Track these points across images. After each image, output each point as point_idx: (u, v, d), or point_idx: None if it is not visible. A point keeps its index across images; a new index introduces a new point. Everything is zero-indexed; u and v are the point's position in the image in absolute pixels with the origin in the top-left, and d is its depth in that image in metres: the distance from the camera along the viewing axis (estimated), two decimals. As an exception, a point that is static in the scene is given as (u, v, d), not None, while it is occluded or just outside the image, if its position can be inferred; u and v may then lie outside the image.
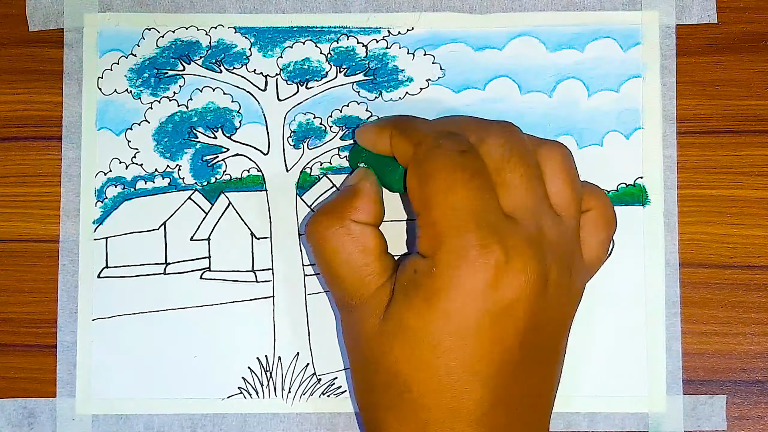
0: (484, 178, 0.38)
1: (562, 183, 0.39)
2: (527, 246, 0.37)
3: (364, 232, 0.40)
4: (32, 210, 0.46)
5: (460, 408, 0.37)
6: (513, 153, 0.39)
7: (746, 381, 0.45)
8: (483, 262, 0.36)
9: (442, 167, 0.38)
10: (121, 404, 0.45)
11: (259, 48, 0.46)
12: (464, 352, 0.37)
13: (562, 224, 0.39)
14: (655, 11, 0.46)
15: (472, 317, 0.36)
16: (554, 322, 0.39)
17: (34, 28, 0.47)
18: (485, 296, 0.36)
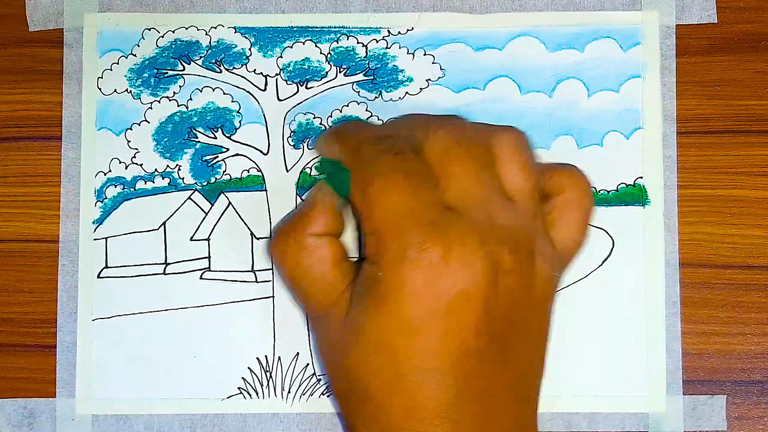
0: (421, 176, 0.38)
1: (513, 167, 0.39)
2: (469, 236, 0.37)
3: (318, 244, 0.40)
4: (32, 210, 0.46)
5: (418, 407, 0.37)
6: (455, 145, 0.39)
7: (746, 381, 0.45)
8: (423, 259, 0.36)
9: (377, 172, 0.38)
10: (121, 404, 0.45)
11: (259, 48, 0.46)
12: (415, 351, 0.37)
13: (516, 209, 0.39)
14: (655, 11, 0.46)
15: (419, 316, 0.37)
16: (520, 308, 0.38)
17: (34, 28, 0.47)
18: (429, 294, 0.36)
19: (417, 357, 0.37)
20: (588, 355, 0.45)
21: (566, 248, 0.41)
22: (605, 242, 0.45)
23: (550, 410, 0.45)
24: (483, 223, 0.37)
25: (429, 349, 0.37)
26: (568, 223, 0.41)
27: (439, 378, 0.37)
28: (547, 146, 0.46)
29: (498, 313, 0.37)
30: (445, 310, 0.37)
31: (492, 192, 0.38)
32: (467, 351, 0.37)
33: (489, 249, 0.37)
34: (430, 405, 0.37)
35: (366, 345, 0.38)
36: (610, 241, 0.45)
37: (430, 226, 0.37)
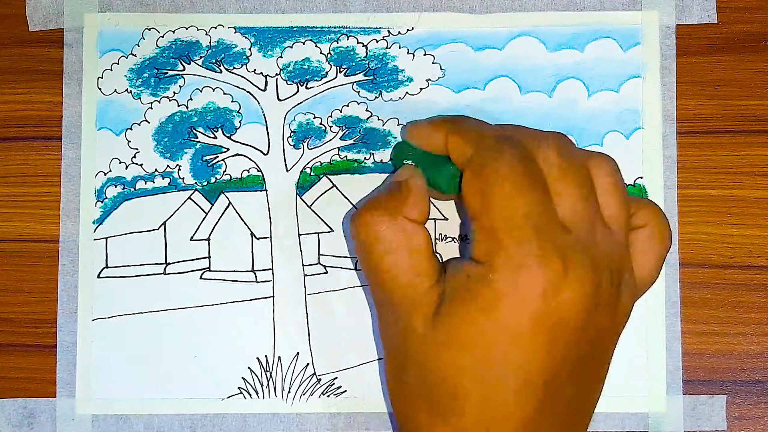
0: (544, 187, 0.38)
1: (611, 196, 0.39)
2: (584, 257, 0.37)
3: (416, 231, 0.39)
4: (32, 210, 0.46)
5: (504, 417, 0.37)
6: (569, 163, 0.38)
7: (746, 381, 0.45)
8: (542, 272, 0.36)
9: (505, 173, 0.37)
10: (121, 404, 0.45)
11: (259, 48, 0.46)
12: (517, 362, 0.36)
13: (613, 237, 0.39)
14: (655, 11, 0.46)
15: (527, 327, 0.36)
16: (602, 335, 0.38)
17: (34, 28, 0.47)
18: (542, 306, 0.36)
19: (516, 367, 0.36)
20: (588, 355, 0.45)
21: (643, 281, 0.41)
22: (605, 242, 0.45)
23: (550, 410, 0.45)
24: (591, 246, 0.38)
25: (530, 363, 0.36)
26: (648, 257, 0.40)
27: (531, 391, 0.37)
28: (547, 146, 0.46)
29: (590, 336, 0.38)
30: (552, 326, 0.36)
31: (596, 217, 0.38)
32: (559, 371, 0.37)
33: (596, 273, 0.37)
34: (517, 415, 0.37)
35: (462, 348, 0.37)
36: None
37: (551, 239, 0.36)
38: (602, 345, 0.39)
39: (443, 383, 0.37)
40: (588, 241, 0.37)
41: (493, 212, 0.37)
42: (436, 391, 0.37)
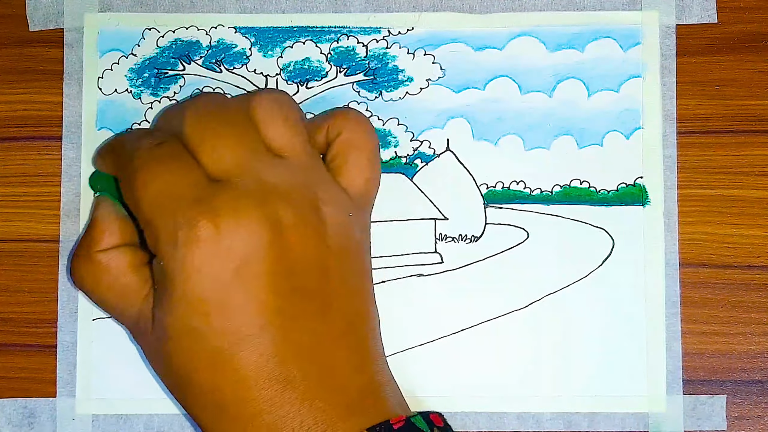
0: (180, 158, 0.38)
1: (276, 126, 0.39)
2: (241, 200, 0.37)
3: (110, 257, 0.40)
4: (32, 210, 0.46)
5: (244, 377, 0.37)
6: (210, 118, 0.39)
7: (746, 381, 0.45)
8: (195, 235, 0.36)
9: (139, 165, 0.38)
10: (121, 404, 0.45)
11: (259, 48, 0.46)
12: (218, 326, 0.37)
13: (289, 165, 0.39)
14: (655, 11, 0.46)
15: (209, 291, 0.37)
16: (318, 259, 0.38)
17: (34, 28, 0.47)
18: (211, 267, 0.36)
19: (222, 331, 0.37)
20: (588, 355, 0.45)
21: (359, 188, 0.41)
22: (605, 242, 0.45)
23: (550, 410, 0.45)
24: (253, 187, 0.38)
25: (231, 319, 0.37)
26: (353, 163, 0.41)
27: (253, 344, 0.37)
28: (547, 146, 0.46)
29: (295, 268, 0.37)
30: (231, 280, 0.37)
31: (257, 154, 0.39)
32: (274, 311, 0.37)
33: (264, 210, 0.37)
34: (253, 371, 0.37)
35: (174, 335, 0.37)
36: (610, 241, 0.45)
37: (195, 202, 0.37)
38: (323, 267, 0.38)
39: (181, 374, 0.38)
40: (250, 183, 0.38)
41: (141, 205, 0.38)
42: (182, 385, 0.38)
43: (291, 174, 0.39)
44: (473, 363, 0.45)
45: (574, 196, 0.46)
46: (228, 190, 0.37)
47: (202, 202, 0.37)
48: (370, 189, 0.42)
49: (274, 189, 0.38)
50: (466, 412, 0.45)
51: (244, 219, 0.37)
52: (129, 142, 0.40)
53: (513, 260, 0.45)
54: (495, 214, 0.46)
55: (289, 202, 0.38)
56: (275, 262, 0.37)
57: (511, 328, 0.45)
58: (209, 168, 0.38)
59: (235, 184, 0.38)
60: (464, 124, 0.46)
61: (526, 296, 0.45)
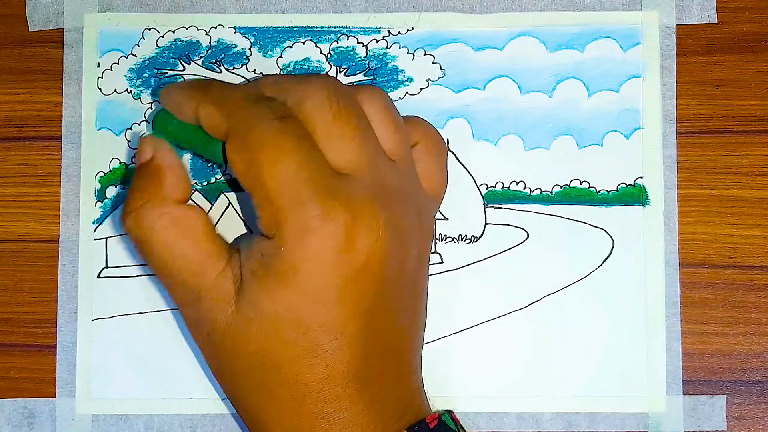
0: (310, 140, 0.36)
1: (388, 127, 0.38)
2: (371, 201, 0.36)
3: (187, 214, 0.37)
4: (32, 210, 0.46)
5: (333, 374, 0.37)
6: (340, 106, 0.37)
7: (746, 381, 0.45)
8: (330, 229, 0.35)
9: (265, 138, 0.36)
10: (121, 404, 0.45)
11: (259, 48, 0.46)
12: (327, 322, 0.36)
13: (399, 168, 0.38)
14: (655, 11, 0.46)
15: (329, 287, 0.36)
16: (411, 265, 0.38)
17: (34, 28, 0.47)
18: (339, 263, 0.36)
19: (329, 326, 0.36)
20: (588, 355, 0.45)
21: (435, 193, 0.41)
22: (605, 242, 0.45)
23: (550, 410, 0.45)
24: (377, 187, 0.37)
25: (340, 318, 0.36)
26: (431, 170, 0.41)
27: (350, 342, 0.37)
28: (547, 146, 0.46)
29: (397, 272, 0.37)
30: (353, 278, 0.36)
31: (378, 154, 0.38)
32: (373, 314, 0.37)
33: (388, 212, 0.37)
34: (344, 368, 0.37)
35: (272, 323, 0.36)
36: (610, 241, 0.45)
37: (330, 193, 0.35)
38: (412, 273, 0.39)
39: (263, 361, 0.37)
40: (375, 182, 0.37)
41: (265, 182, 0.35)
42: (258, 370, 0.37)
43: (401, 178, 0.38)
44: (473, 363, 0.45)
45: (574, 196, 0.46)
46: (360, 186, 0.36)
47: (338, 194, 0.36)
48: (443, 192, 0.42)
49: (393, 193, 0.37)
50: (466, 412, 0.45)
51: (374, 220, 0.36)
52: (244, 104, 0.37)
53: (513, 260, 0.45)
54: (495, 214, 0.46)
55: (404, 207, 0.38)
56: (389, 266, 0.37)
57: (511, 328, 0.45)
58: (336, 157, 0.36)
59: (362, 181, 0.36)
60: (464, 124, 0.46)
61: (526, 296, 0.45)
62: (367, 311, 0.37)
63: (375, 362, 0.37)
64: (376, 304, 0.37)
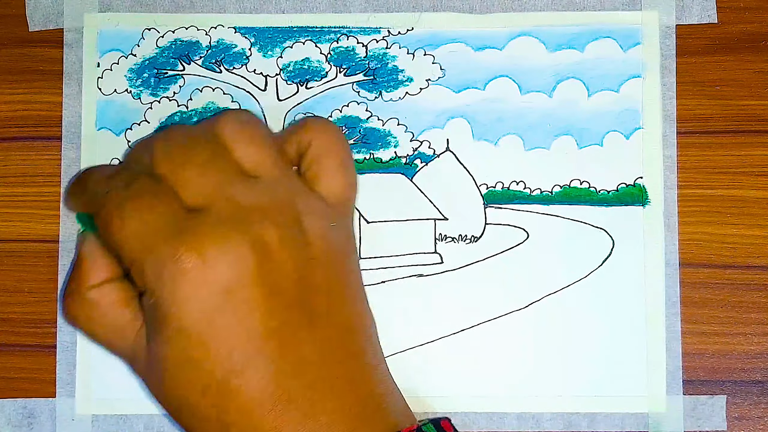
0: (155, 193, 0.38)
1: (243, 145, 0.39)
2: (220, 229, 0.37)
3: (102, 293, 0.40)
4: (32, 210, 0.46)
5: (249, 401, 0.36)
6: (177, 148, 0.39)
7: (746, 381, 0.45)
8: (180, 269, 0.36)
9: (112, 208, 0.38)
10: (121, 404, 0.45)
11: (259, 48, 0.46)
12: (217, 355, 0.36)
13: (263, 183, 0.38)
14: (655, 11, 0.46)
15: (203, 323, 0.36)
16: (305, 272, 0.38)
17: (34, 28, 0.47)
18: (201, 298, 0.36)
19: (219, 358, 0.36)
20: (588, 355, 0.45)
21: (337, 195, 0.40)
22: (605, 242, 0.45)
23: (550, 410, 0.45)
24: (230, 211, 0.37)
25: (227, 346, 0.36)
26: (327, 170, 0.40)
27: (251, 367, 0.36)
28: (547, 146, 0.46)
29: (284, 285, 0.37)
30: (225, 307, 0.36)
31: (230, 177, 0.38)
32: (268, 332, 0.37)
33: (245, 232, 0.37)
34: (255, 395, 0.36)
35: (171, 367, 0.37)
36: (610, 241, 0.45)
37: (175, 235, 0.37)
38: (310, 279, 0.38)
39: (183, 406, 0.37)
40: (226, 209, 0.37)
41: (123, 245, 0.37)
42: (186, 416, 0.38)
43: (267, 192, 0.38)
44: (473, 363, 0.45)
45: (574, 196, 0.46)
46: (206, 217, 0.37)
47: (182, 234, 0.37)
48: (349, 194, 0.41)
49: (252, 210, 0.37)
50: (466, 412, 0.45)
51: (226, 245, 0.36)
52: (99, 183, 0.40)
53: (513, 260, 0.45)
54: (495, 214, 0.46)
55: (269, 221, 0.37)
56: (263, 283, 0.37)
57: (511, 328, 0.45)
58: (185, 198, 0.38)
59: (213, 210, 0.37)
60: (464, 124, 0.46)
61: (526, 296, 0.45)
62: (257, 333, 0.36)
63: (294, 379, 0.36)
64: (272, 323, 0.37)
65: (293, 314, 0.37)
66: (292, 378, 0.36)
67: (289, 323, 0.37)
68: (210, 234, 0.37)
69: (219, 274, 0.36)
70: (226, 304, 0.36)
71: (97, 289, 0.40)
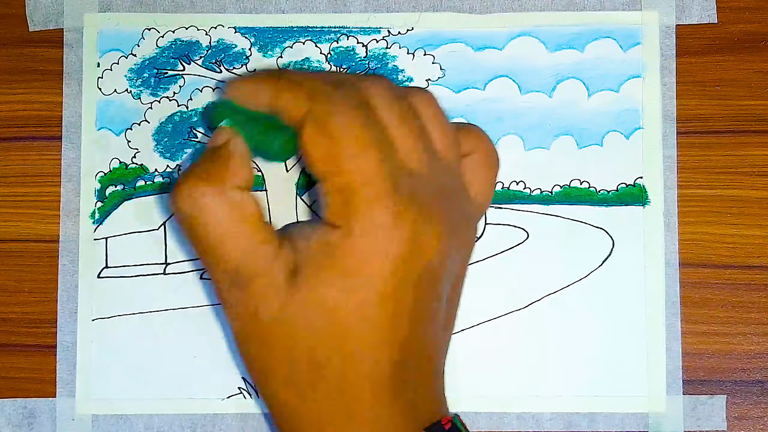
0: (386, 135, 0.36)
1: (439, 128, 0.38)
2: (436, 204, 0.36)
3: (244, 199, 0.36)
4: (32, 210, 0.46)
5: (375, 376, 0.36)
6: (400, 104, 0.37)
7: (746, 381, 0.45)
8: (402, 228, 0.35)
9: (348, 126, 0.35)
10: (121, 404, 0.45)
11: (259, 48, 0.46)
12: (385, 320, 0.35)
13: (450, 170, 0.38)
14: (655, 11, 0.46)
15: (393, 286, 0.35)
16: (457, 271, 0.38)
17: (34, 28, 0.47)
18: (406, 263, 0.35)
19: (387, 327, 0.36)
20: (588, 355, 0.45)
21: (481, 206, 0.41)
22: (605, 242, 0.45)
23: (550, 410, 0.45)
24: (439, 188, 0.37)
25: (398, 319, 0.36)
26: (481, 183, 0.40)
27: (400, 344, 0.36)
28: (547, 146, 0.46)
29: (448, 276, 0.37)
30: (415, 281, 0.36)
31: (432, 153, 0.37)
32: (422, 317, 0.37)
33: (448, 215, 0.36)
34: (388, 370, 0.36)
35: (330, 315, 0.35)
36: (610, 241, 0.45)
37: (403, 191, 0.35)
38: (456, 279, 0.39)
39: (312, 354, 0.36)
40: (432, 182, 0.36)
41: (343, 171, 0.35)
42: (299, 364, 0.36)
43: (453, 180, 0.38)
44: (473, 363, 0.45)
45: (574, 196, 0.46)
46: (426, 186, 0.36)
47: (410, 194, 0.35)
48: (484, 211, 0.41)
49: (450, 195, 0.37)
50: (466, 412, 0.45)
51: (440, 224, 0.36)
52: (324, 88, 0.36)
53: (513, 260, 0.45)
54: (495, 214, 0.46)
55: (459, 212, 0.37)
56: (445, 270, 0.37)
57: (511, 328, 0.45)
58: (400, 154, 0.36)
59: (427, 181, 0.36)
60: (464, 124, 0.46)
61: (526, 296, 0.45)
62: (419, 314, 0.36)
63: (413, 365, 0.37)
64: (429, 307, 0.37)
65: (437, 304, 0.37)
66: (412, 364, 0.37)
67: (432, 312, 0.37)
68: (431, 204, 0.36)
69: (425, 248, 0.35)
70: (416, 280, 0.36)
71: (242, 193, 0.36)
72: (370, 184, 0.35)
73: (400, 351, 0.36)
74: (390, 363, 0.36)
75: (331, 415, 0.36)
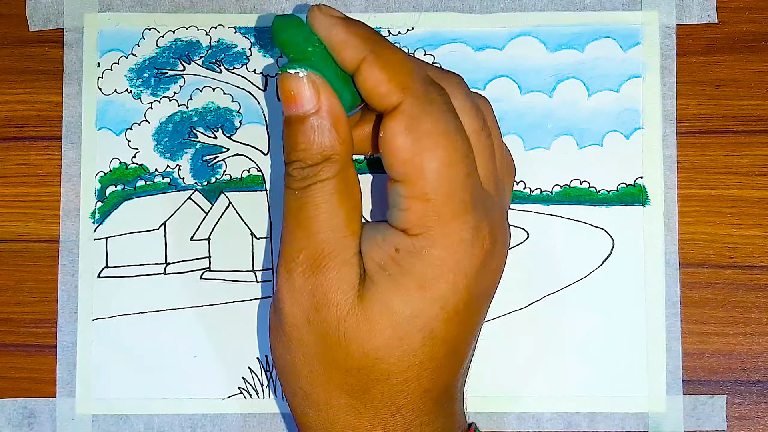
0: (470, 145, 0.34)
1: (499, 143, 0.37)
2: (502, 223, 0.36)
3: (353, 183, 0.34)
4: (32, 210, 0.46)
5: (434, 387, 0.36)
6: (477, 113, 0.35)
7: (746, 381, 0.45)
8: (478, 246, 0.34)
9: (442, 131, 0.33)
10: (121, 404, 0.45)
11: (259, 48, 0.46)
12: (452, 339, 0.35)
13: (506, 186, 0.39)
14: (655, 11, 0.46)
15: (464, 302, 0.34)
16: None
17: (34, 28, 0.47)
18: (476, 280, 0.34)
19: (451, 343, 0.35)
20: (588, 355, 0.45)
21: None
22: (605, 242, 0.45)
23: (550, 410, 0.45)
24: (503, 207, 0.37)
25: (462, 336, 0.35)
26: (508, 190, 0.41)
27: (461, 359, 0.36)
28: (547, 146, 0.46)
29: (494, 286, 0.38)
30: (482, 297, 0.35)
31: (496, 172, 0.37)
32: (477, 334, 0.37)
33: (507, 235, 0.37)
34: (445, 383, 0.36)
35: (400, 326, 0.34)
36: (610, 241, 0.45)
37: (480, 207, 0.34)
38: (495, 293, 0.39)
39: (374, 365, 0.34)
40: (501, 202, 0.36)
41: (429, 177, 0.33)
42: (366, 376, 0.34)
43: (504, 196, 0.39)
44: (473, 363, 0.45)
45: (574, 196, 0.46)
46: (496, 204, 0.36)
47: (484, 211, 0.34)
48: None
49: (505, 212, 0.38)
50: (467, 412, 0.45)
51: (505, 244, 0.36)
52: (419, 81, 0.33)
53: (513, 260, 0.45)
54: (495, 214, 0.46)
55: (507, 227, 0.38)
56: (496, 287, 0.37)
57: (511, 328, 0.45)
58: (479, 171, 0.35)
59: (498, 200, 0.36)
60: (464, 124, 0.46)
61: (526, 296, 0.45)
62: (476, 332, 0.37)
63: (463, 380, 0.37)
64: (481, 324, 0.37)
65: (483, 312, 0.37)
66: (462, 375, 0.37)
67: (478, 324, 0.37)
68: (499, 224, 0.35)
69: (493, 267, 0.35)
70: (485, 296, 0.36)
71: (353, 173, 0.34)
72: (455, 196, 0.33)
73: (459, 366, 0.36)
74: (451, 379, 0.36)
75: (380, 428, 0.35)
